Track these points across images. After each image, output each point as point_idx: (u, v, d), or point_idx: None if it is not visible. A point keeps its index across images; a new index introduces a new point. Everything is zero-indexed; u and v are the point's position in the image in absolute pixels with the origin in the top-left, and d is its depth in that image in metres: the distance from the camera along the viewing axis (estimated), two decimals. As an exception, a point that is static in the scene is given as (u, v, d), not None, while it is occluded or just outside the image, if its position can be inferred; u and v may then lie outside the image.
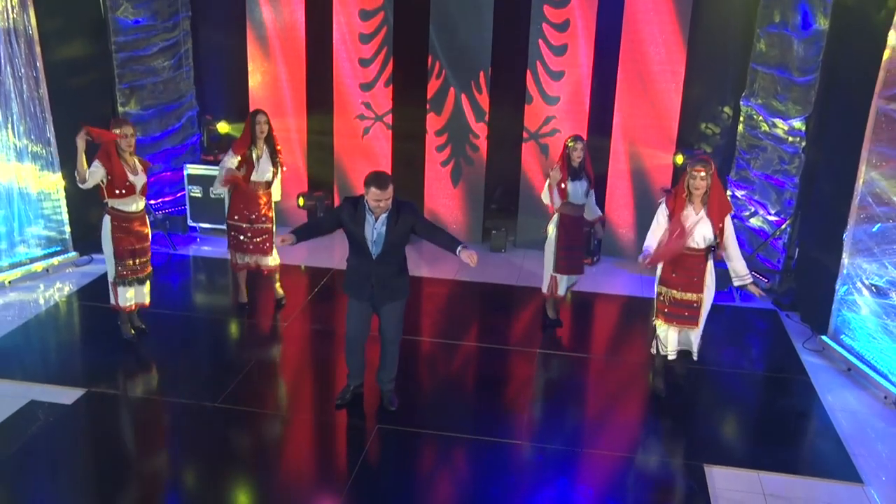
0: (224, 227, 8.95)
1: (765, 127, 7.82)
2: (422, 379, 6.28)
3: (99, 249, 8.12)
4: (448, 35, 8.44)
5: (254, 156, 6.73)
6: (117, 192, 6.02)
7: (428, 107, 8.72)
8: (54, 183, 7.88)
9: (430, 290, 7.84)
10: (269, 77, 8.93)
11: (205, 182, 8.84)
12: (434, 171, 8.91)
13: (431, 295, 7.76)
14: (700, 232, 5.40)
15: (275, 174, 6.87)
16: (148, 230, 6.38)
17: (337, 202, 8.84)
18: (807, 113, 7.32)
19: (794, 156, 7.53)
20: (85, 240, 8.12)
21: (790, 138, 7.55)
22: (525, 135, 8.61)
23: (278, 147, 6.88)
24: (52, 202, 7.96)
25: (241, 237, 6.92)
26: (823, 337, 6.76)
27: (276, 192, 7.00)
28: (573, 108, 8.43)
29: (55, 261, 7.90)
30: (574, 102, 8.41)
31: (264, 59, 8.88)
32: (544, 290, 6.91)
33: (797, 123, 7.41)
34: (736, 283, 5.68)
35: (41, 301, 7.25)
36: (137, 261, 6.30)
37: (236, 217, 6.90)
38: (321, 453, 5.34)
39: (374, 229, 5.08)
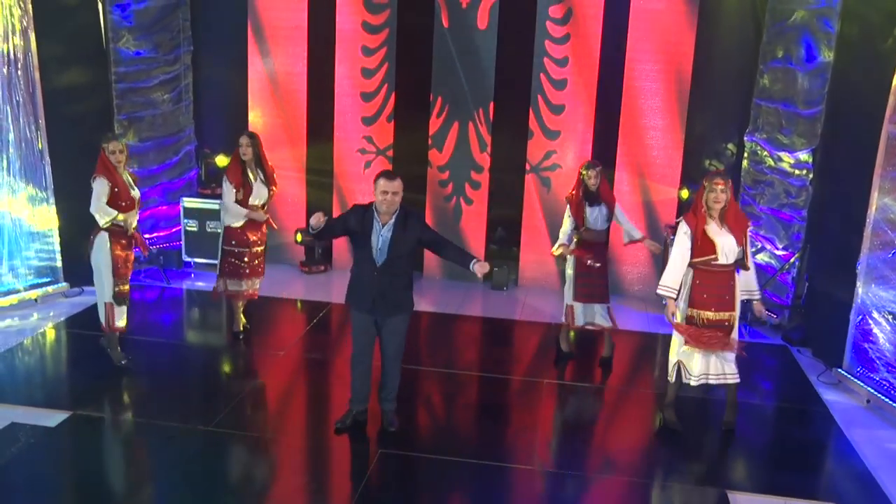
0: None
1: (770, 162, 7.75)
2: (426, 406, 6.03)
3: (90, 282, 8.04)
4: (450, 71, 8.41)
5: (250, 179, 6.60)
6: (121, 204, 5.88)
7: (430, 142, 8.64)
8: (47, 214, 7.68)
9: (432, 323, 7.60)
10: (270, 111, 8.85)
11: (201, 216, 8.67)
12: (436, 207, 8.77)
13: (434, 328, 7.53)
14: (727, 247, 5.24)
15: (270, 195, 6.75)
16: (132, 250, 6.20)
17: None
18: (813, 145, 7.27)
19: (801, 189, 7.45)
20: (76, 271, 7.89)
21: (796, 171, 7.47)
22: (527, 167, 8.52)
23: (269, 166, 6.76)
24: (45, 232, 7.75)
25: (238, 262, 6.72)
26: (839, 369, 6.54)
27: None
28: (574, 143, 8.36)
29: (46, 290, 7.65)
30: (575, 138, 8.34)
31: (265, 93, 8.82)
32: (563, 318, 6.72)
33: (804, 156, 7.35)
34: (744, 297, 5.47)
35: (28, 328, 6.97)
36: (128, 280, 6.15)
37: (234, 242, 6.71)
38: (321, 478, 5.03)
39: (381, 236, 4.97)
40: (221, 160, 8.86)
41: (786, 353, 7.22)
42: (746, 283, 5.46)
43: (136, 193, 6.03)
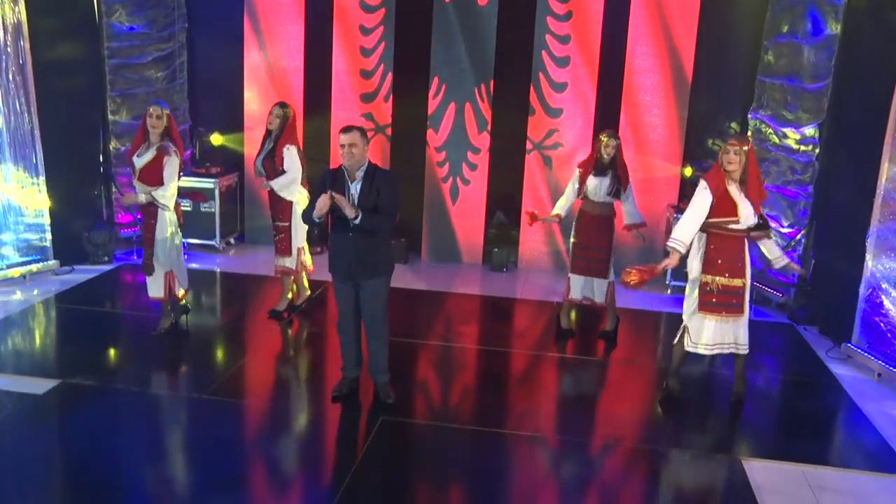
0: (214, 243, 8.72)
1: (775, 139, 7.63)
2: (425, 377, 5.86)
3: (81, 261, 7.88)
4: (450, 48, 8.26)
5: (264, 147, 6.46)
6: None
7: (427, 123, 8.49)
8: (37, 191, 7.49)
9: (428, 301, 7.44)
10: (265, 90, 8.68)
11: (196, 195, 8.49)
12: (433, 187, 8.62)
13: (431, 305, 7.35)
14: (745, 212, 5.10)
15: (270, 171, 6.39)
16: (153, 223, 5.95)
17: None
18: (819, 119, 7.14)
19: (807, 165, 7.32)
20: (67, 249, 7.72)
21: (802, 147, 7.35)
22: (529, 146, 8.37)
23: (286, 145, 6.35)
24: (34, 209, 7.55)
25: (274, 236, 6.63)
26: (849, 344, 6.40)
27: (290, 193, 6.47)
28: (576, 120, 8.23)
29: (34, 267, 7.45)
30: (577, 115, 8.21)
31: (260, 72, 8.65)
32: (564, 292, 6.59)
33: (809, 131, 7.23)
34: (777, 266, 5.42)
35: (15, 303, 6.77)
36: (144, 248, 6.03)
37: (269, 215, 6.72)
38: (322, 446, 4.86)
39: (351, 194, 4.91)
40: (216, 138, 8.69)
41: (792, 331, 7.08)
42: (771, 252, 5.44)
43: (139, 161, 5.80)
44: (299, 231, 6.59)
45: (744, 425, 5.25)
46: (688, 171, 8.03)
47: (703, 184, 5.17)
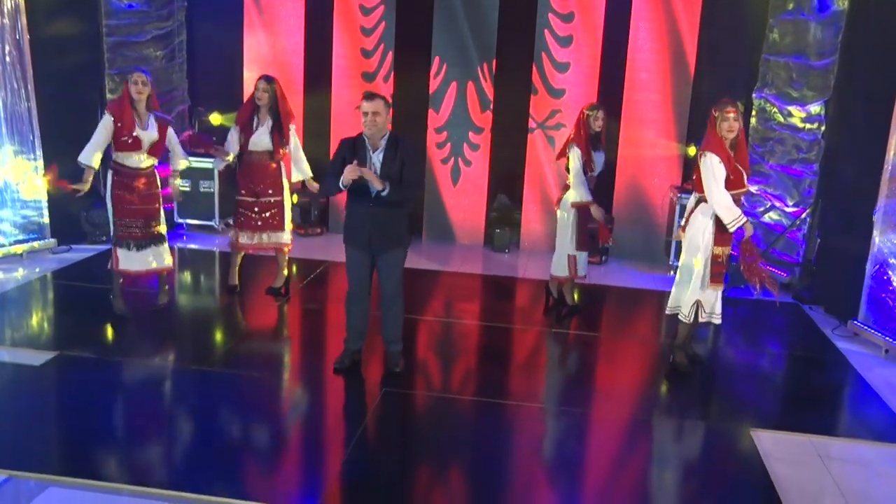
0: (213, 223, 8.63)
1: (779, 118, 7.55)
2: (428, 351, 5.81)
3: (79, 240, 7.80)
4: (452, 25, 8.18)
5: (253, 124, 6.32)
6: (123, 140, 5.63)
7: (429, 102, 8.41)
8: (35, 169, 7.40)
9: (431, 279, 7.37)
10: (266, 70, 8.56)
11: (195, 175, 8.40)
12: (435, 167, 8.54)
13: (434, 283, 7.29)
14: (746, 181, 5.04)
15: (278, 146, 6.31)
16: (157, 191, 5.87)
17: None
18: (825, 97, 7.08)
19: (812, 143, 7.26)
20: (65, 229, 7.64)
21: (807, 125, 7.28)
22: (532, 124, 8.29)
23: (289, 119, 6.30)
24: (32, 187, 7.47)
25: (249, 213, 6.41)
26: (855, 321, 6.34)
27: (296, 171, 6.47)
28: (580, 101, 8.14)
29: (32, 245, 7.36)
30: (581, 95, 8.13)
31: (261, 51, 8.56)
32: (561, 273, 6.48)
33: (815, 108, 7.17)
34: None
35: (12, 280, 6.70)
36: (140, 222, 5.82)
37: (242, 192, 6.44)
38: (323, 416, 4.80)
39: (373, 163, 4.80)
40: (216, 118, 8.61)
41: (797, 310, 7.01)
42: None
43: (145, 135, 5.68)
44: (289, 203, 6.55)
45: (750, 398, 5.19)
46: (691, 151, 7.94)
47: (713, 158, 5.04)
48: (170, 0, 8.44)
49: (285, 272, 6.72)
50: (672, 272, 7.83)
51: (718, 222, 5.11)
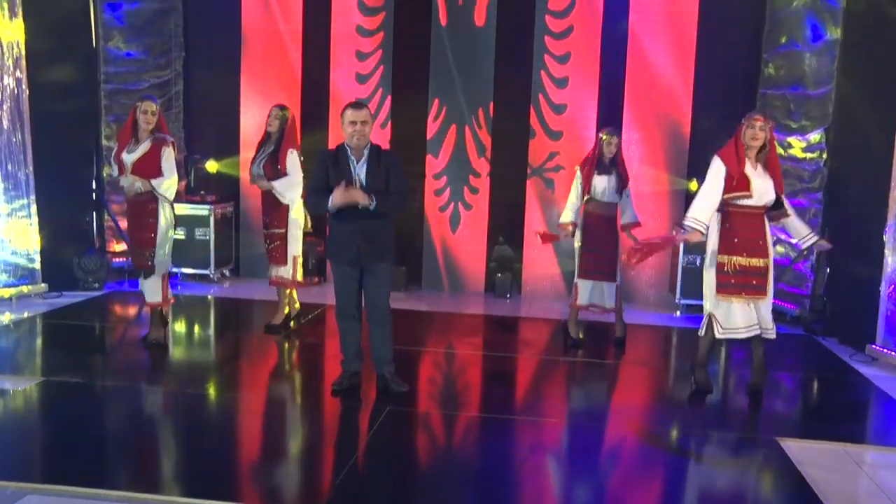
0: (208, 272, 8.44)
1: (780, 150, 7.48)
2: (431, 380, 5.58)
3: (71, 287, 7.58)
4: (447, 71, 8.22)
5: (261, 152, 6.24)
6: (118, 165, 5.61)
7: (426, 148, 8.37)
8: (27, 214, 7.26)
9: (431, 319, 7.19)
10: (263, 119, 8.55)
11: (189, 223, 8.27)
12: (433, 215, 8.43)
13: (434, 322, 7.12)
14: (761, 188, 4.92)
15: (270, 175, 6.12)
16: (152, 221, 5.63)
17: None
18: (825, 124, 7.07)
19: (814, 172, 7.21)
20: (56, 274, 7.45)
21: (808, 155, 7.25)
22: (528, 170, 8.24)
23: (288, 146, 6.12)
24: (24, 231, 7.31)
25: (266, 245, 6.34)
26: (873, 346, 6.13)
27: (292, 196, 6.17)
28: (578, 142, 8.11)
29: (21, 289, 7.16)
30: (578, 137, 8.10)
31: (257, 101, 8.55)
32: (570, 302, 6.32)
33: (815, 136, 7.15)
34: (804, 245, 5.28)
35: (2, 321, 6.46)
36: (135, 250, 5.71)
37: (263, 222, 6.40)
38: (325, 437, 4.53)
39: (358, 174, 4.67)
40: (212, 165, 8.54)
41: (810, 341, 6.81)
42: (798, 231, 5.26)
43: (129, 158, 5.53)
44: (296, 239, 6.34)
45: (775, 412, 4.99)
46: (693, 186, 7.88)
47: (717, 160, 5.00)
48: (168, 49, 8.51)
49: (286, 310, 6.49)
50: (678, 312, 7.65)
51: (723, 229, 4.99)
